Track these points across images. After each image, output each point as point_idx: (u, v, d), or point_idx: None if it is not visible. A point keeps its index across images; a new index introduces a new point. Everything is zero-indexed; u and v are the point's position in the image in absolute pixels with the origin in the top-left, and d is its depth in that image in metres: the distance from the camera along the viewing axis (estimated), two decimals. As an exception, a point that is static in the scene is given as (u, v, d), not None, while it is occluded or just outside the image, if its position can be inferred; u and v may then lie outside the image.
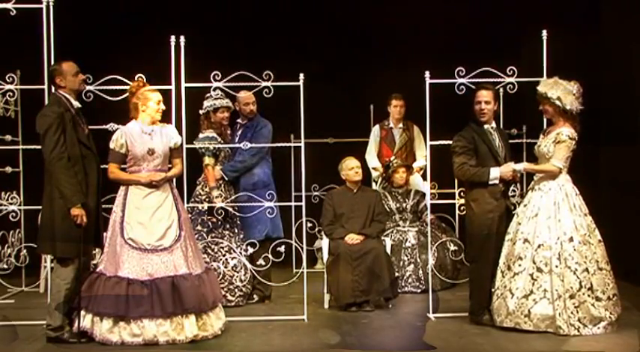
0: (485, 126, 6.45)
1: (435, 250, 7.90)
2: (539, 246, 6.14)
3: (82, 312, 5.96)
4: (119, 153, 6.17)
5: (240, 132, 7.58)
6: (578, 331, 6.02)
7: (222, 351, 5.86)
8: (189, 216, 7.06)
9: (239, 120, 7.66)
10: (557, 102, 6.28)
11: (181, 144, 6.38)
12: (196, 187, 7.39)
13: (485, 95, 6.43)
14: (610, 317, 6.11)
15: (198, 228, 7.21)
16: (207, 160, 7.27)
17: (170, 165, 6.30)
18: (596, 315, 6.06)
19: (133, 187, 6.13)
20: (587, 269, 6.09)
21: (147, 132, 6.17)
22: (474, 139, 6.38)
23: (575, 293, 6.04)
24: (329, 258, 7.28)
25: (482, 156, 6.38)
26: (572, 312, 6.02)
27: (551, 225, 6.16)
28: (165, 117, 6.40)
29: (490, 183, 6.32)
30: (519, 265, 6.17)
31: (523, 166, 6.45)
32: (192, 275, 6.03)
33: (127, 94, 6.32)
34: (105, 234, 6.13)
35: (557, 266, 6.07)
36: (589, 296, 6.06)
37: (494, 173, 6.31)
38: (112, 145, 6.18)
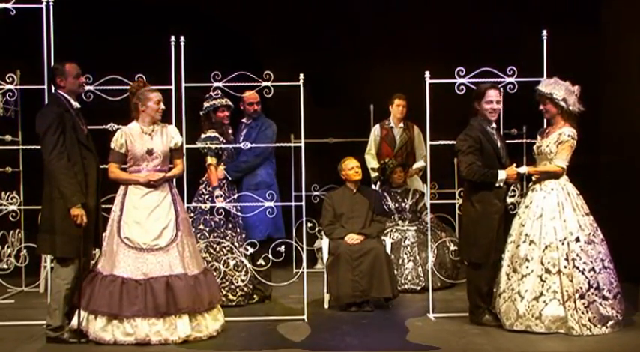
0: (489, 127, 6.44)
1: (435, 249, 7.91)
2: (546, 247, 6.13)
3: (82, 311, 5.96)
4: (119, 153, 6.18)
5: (244, 131, 7.59)
6: (590, 331, 6.01)
7: (222, 351, 5.86)
8: (192, 215, 7.08)
9: (243, 120, 7.67)
10: (562, 103, 6.27)
11: (182, 145, 6.37)
12: (199, 187, 7.39)
13: (496, 95, 6.41)
14: (616, 315, 6.11)
15: (201, 227, 7.19)
16: (210, 160, 7.27)
17: (171, 166, 6.30)
18: (605, 314, 6.06)
19: (132, 187, 6.14)
20: (593, 269, 6.09)
21: (147, 133, 6.18)
22: (480, 139, 6.35)
23: (584, 293, 6.03)
24: (329, 258, 7.28)
25: (487, 156, 6.35)
26: (582, 312, 6.02)
27: (557, 225, 6.14)
28: (166, 118, 6.40)
29: (496, 185, 6.31)
30: (527, 267, 6.15)
31: (527, 169, 6.42)
32: (187, 276, 6.01)
33: (128, 95, 6.33)
34: (104, 233, 6.14)
35: (565, 267, 6.06)
36: (597, 295, 6.06)
37: (501, 176, 6.30)
38: (112, 145, 6.20)
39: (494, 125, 6.50)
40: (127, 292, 5.89)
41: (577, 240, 6.12)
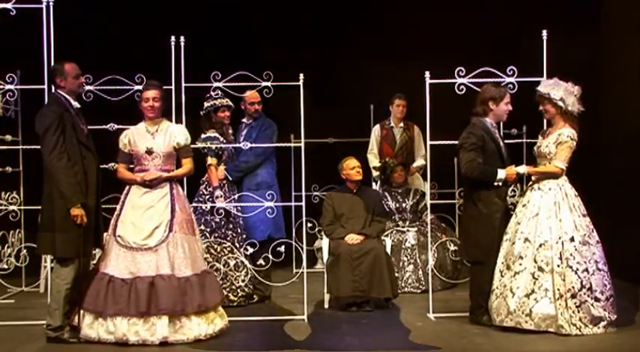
0: (492, 127, 6.44)
1: (435, 250, 7.90)
2: (540, 246, 6.13)
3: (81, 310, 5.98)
4: (124, 153, 6.22)
5: (244, 131, 7.59)
6: (580, 330, 6.01)
7: (221, 351, 5.86)
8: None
9: (244, 120, 7.67)
10: (560, 103, 6.27)
11: (186, 144, 6.24)
12: (199, 187, 7.38)
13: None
14: (609, 317, 6.11)
15: (202, 227, 7.15)
16: (210, 160, 7.26)
17: (174, 166, 6.25)
18: (597, 315, 6.06)
19: (134, 187, 6.15)
20: (587, 270, 6.09)
21: (151, 132, 6.18)
22: (484, 137, 6.35)
23: (576, 292, 6.03)
24: (329, 258, 7.28)
25: (489, 154, 6.34)
26: (573, 312, 6.02)
27: (552, 224, 6.15)
28: (166, 117, 6.40)
29: (494, 184, 6.31)
30: (520, 264, 6.16)
31: (526, 169, 6.42)
32: (173, 277, 5.93)
33: (128, 95, 6.36)
34: (105, 233, 6.15)
35: (558, 266, 6.06)
36: (589, 296, 6.05)
37: (500, 175, 6.30)
38: (119, 145, 6.23)
39: (495, 125, 6.51)
40: (112, 290, 5.89)
41: (572, 239, 6.11)
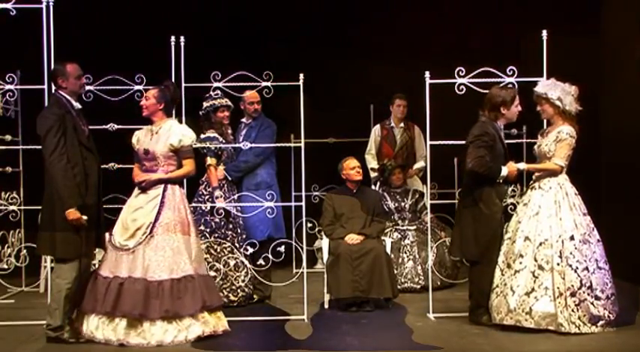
0: (501, 129, 6.44)
1: (435, 249, 7.91)
2: (540, 244, 6.15)
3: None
4: (135, 152, 6.26)
5: (244, 131, 7.59)
6: (579, 329, 6.02)
7: (222, 351, 5.86)
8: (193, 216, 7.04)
9: (243, 120, 7.67)
10: (558, 103, 6.29)
11: (183, 145, 6.18)
12: (199, 187, 7.38)
13: None
14: (609, 316, 6.12)
15: (202, 227, 7.14)
16: (210, 160, 7.26)
17: (175, 167, 6.24)
18: (595, 314, 6.07)
19: (136, 187, 6.19)
20: (587, 268, 6.10)
21: (152, 132, 6.19)
22: (495, 137, 6.36)
23: (576, 291, 6.05)
24: (329, 258, 7.28)
25: (496, 155, 6.35)
26: (572, 310, 6.04)
27: (553, 223, 6.16)
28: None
29: (497, 180, 6.31)
30: (520, 263, 6.17)
31: (526, 166, 6.44)
32: (142, 280, 5.91)
33: (128, 95, 6.37)
34: (107, 232, 6.16)
35: (558, 264, 6.08)
36: (589, 295, 6.07)
37: (503, 172, 6.31)
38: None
39: (502, 127, 6.51)
40: (95, 288, 5.96)
41: (572, 238, 6.12)
